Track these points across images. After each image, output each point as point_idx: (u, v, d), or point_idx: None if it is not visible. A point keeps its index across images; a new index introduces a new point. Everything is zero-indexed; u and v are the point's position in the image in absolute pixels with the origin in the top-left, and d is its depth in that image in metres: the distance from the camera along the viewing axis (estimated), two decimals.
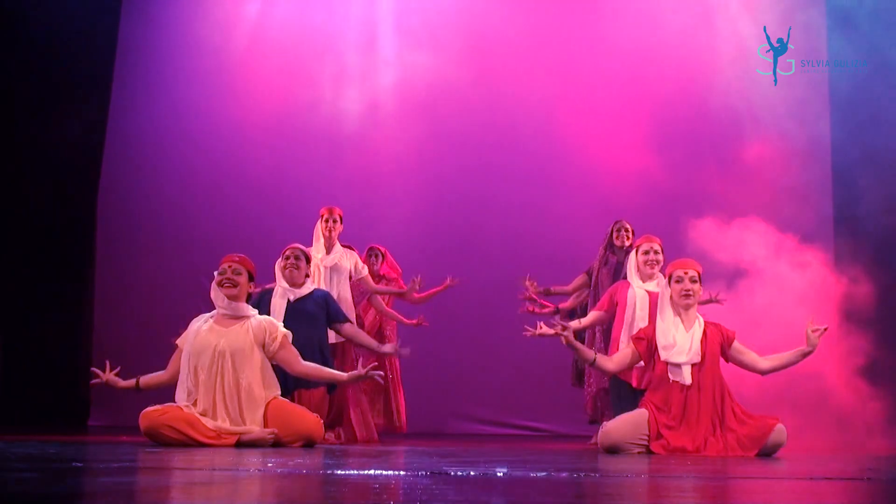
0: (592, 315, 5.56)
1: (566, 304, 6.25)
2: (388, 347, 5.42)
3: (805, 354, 4.69)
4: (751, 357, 4.75)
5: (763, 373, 4.79)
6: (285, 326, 4.65)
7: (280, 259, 5.39)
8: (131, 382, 4.58)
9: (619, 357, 4.84)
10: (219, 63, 8.65)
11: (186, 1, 8.88)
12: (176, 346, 4.57)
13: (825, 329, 4.70)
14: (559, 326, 4.68)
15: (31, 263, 8.05)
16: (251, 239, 7.42)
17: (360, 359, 4.75)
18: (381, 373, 4.74)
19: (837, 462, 4.05)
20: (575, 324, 5.36)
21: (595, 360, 4.74)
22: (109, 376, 4.58)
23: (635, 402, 4.92)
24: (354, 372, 4.61)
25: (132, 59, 8.70)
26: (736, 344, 4.73)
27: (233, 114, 8.52)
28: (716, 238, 6.34)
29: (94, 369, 4.66)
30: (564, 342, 4.67)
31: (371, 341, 5.54)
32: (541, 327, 4.76)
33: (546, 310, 6.17)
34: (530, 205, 8.25)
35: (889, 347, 6.77)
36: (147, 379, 4.60)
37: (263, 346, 4.48)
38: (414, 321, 6.24)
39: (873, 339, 6.58)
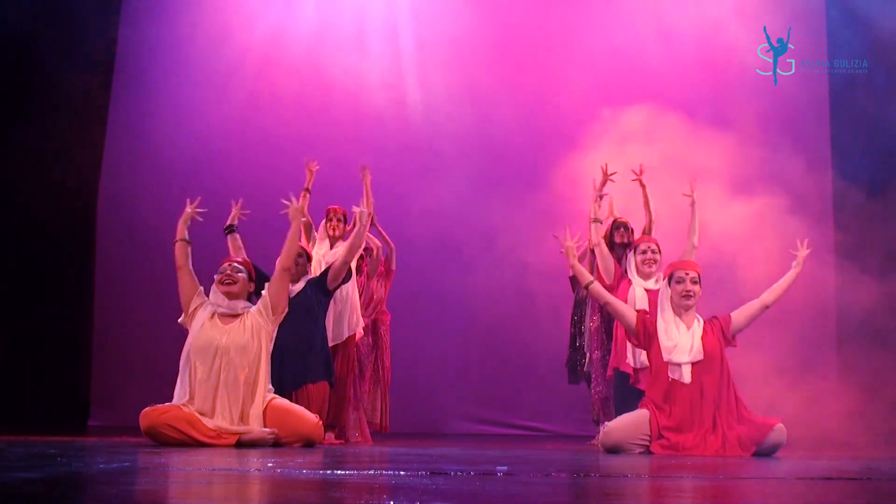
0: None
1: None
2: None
3: (797, 274, 4.82)
4: (752, 307, 4.75)
5: (770, 305, 4.75)
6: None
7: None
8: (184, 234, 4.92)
9: (620, 304, 4.86)
10: (218, 66, 8.62)
11: (184, 6, 8.87)
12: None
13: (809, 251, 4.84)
14: (571, 240, 4.87)
15: (32, 264, 8.04)
16: (252, 240, 7.40)
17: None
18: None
19: (837, 462, 4.05)
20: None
21: (592, 283, 4.81)
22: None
23: (638, 402, 4.92)
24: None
25: (131, 61, 8.69)
26: (734, 315, 4.73)
27: (233, 115, 8.50)
28: (714, 236, 6.35)
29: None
30: (567, 254, 4.84)
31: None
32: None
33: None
34: (533, 204, 8.23)
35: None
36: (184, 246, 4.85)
37: (271, 312, 4.53)
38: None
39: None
